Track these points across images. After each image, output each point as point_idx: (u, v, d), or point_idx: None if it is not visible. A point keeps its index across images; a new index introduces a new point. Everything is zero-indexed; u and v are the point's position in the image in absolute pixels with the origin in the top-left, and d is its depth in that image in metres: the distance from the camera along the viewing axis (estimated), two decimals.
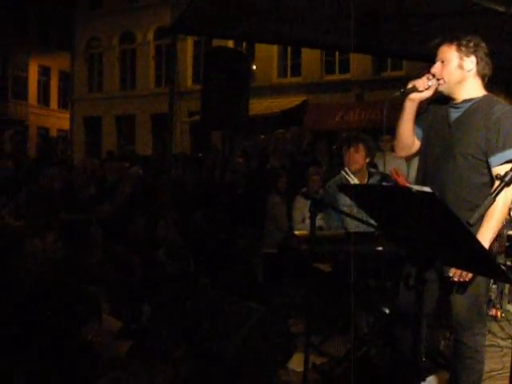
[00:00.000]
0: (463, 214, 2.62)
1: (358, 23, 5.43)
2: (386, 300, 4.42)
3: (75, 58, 27.29)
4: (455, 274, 3.03)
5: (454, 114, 3.23)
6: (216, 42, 16.05)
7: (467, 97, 3.20)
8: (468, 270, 2.82)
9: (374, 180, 4.91)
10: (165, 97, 8.36)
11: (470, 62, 3.14)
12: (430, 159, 3.29)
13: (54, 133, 31.13)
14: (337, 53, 19.79)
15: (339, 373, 4.26)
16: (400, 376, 3.32)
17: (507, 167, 2.90)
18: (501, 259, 5.32)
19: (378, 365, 3.71)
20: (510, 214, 4.67)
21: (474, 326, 3.23)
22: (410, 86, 3.20)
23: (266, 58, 21.30)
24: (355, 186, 2.42)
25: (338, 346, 4.84)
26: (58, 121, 31.11)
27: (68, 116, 28.33)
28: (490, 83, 3.30)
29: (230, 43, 16.23)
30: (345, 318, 5.12)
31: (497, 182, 2.34)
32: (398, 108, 3.36)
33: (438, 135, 3.28)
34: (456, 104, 3.23)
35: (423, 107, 3.40)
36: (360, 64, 19.22)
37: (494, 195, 2.21)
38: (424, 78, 3.20)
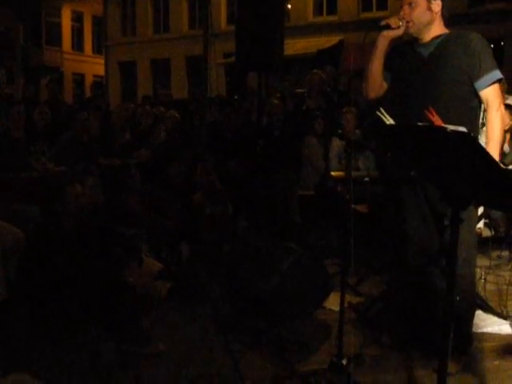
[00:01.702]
0: None
1: None
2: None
3: (108, 1, 27.09)
4: None
5: (427, 51, 3.42)
6: None
7: (435, 34, 3.40)
8: (502, 208, 2.82)
9: None
10: (199, 39, 8.29)
11: (437, 5, 3.37)
12: (409, 98, 3.44)
13: (89, 79, 31.20)
14: None
15: (375, 312, 4.32)
16: (434, 316, 3.35)
17: (493, 88, 3.25)
18: None
19: (412, 306, 3.74)
20: None
21: (470, 258, 3.38)
22: (383, 23, 3.40)
23: None
24: (390, 126, 2.40)
25: (375, 287, 4.90)
26: (93, 66, 31.12)
27: (103, 61, 28.32)
28: None
29: None
30: (381, 259, 5.18)
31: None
32: None
33: (412, 73, 3.45)
34: (426, 42, 3.42)
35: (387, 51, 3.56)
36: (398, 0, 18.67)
37: None
38: (395, 17, 3.40)
